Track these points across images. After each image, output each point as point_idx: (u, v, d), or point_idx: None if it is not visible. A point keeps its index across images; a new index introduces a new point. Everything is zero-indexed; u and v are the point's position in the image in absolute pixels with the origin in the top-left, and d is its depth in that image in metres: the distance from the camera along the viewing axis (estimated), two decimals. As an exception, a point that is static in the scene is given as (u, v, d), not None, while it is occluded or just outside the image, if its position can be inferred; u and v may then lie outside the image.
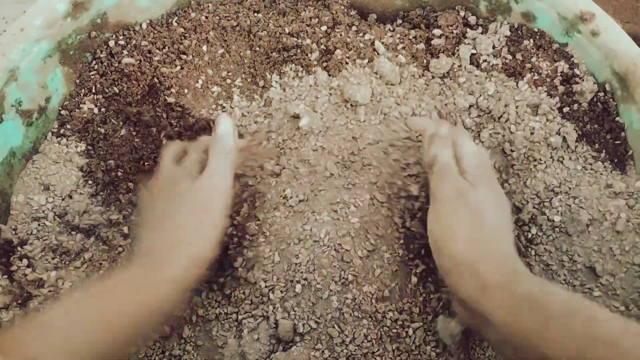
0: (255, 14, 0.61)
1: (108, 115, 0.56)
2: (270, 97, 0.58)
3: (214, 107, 0.59)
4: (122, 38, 0.58)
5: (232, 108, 0.59)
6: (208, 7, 0.61)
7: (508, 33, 0.58)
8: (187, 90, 0.59)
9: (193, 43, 0.59)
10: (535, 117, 0.55)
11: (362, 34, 0.61)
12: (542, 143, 0.54)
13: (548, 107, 0.55)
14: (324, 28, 0.60)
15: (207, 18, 0.60)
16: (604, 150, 0.54)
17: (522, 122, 0.55)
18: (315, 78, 0.58)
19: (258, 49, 0.60)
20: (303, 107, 0.55)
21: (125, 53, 0.57)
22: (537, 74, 0.56)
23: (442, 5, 0.61)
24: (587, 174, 0.54)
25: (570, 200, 0.52)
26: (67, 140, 0.55)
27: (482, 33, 0.59)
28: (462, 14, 0.60)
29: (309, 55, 0.59)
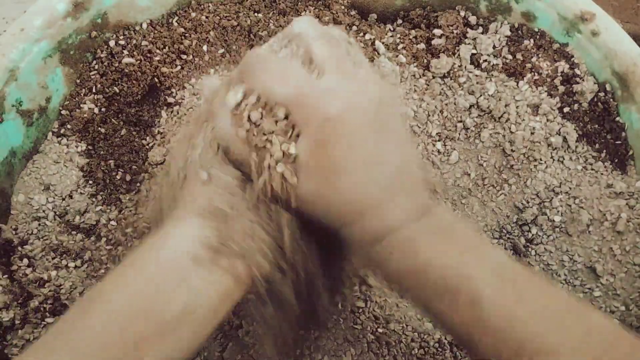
0: (256, 14, 0.61)
1: (108, 115, 0.56)
2: (271, 97, 0.58)
3: (214, 107, 0.59)
4: (122, 38, 0.58)
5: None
6: (208, 7, 0.61)
7: (508, 33, 0.58)
8: (187, 90, 0.59)
9: (193, 43, 0.59)
10: (536, 117, 0.55)
11: (362, 34, 0.60)
12: (542, 143, 0.54)
13: (548, 107, 0.55)
14: (324, 28, 0.60)
15: (207, 18, 0.60)
16: (605, 150, 0.54)
17: (522, 122, 0.55)
18: (316, 78, 0.58)
19: (258, 49, 0.60)
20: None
21: (126, 53, 0.57)
22: (537, 74, 0.56)
23: (442, 5, 0.62)
24: (587, 174, 0.54)
25: (571, 200, 0.52)
26: (67, 140, 0.55)
27: (482, 33, 0.59)
28: (462, 14, 0.60)
29: (309, 55, 0.59)
